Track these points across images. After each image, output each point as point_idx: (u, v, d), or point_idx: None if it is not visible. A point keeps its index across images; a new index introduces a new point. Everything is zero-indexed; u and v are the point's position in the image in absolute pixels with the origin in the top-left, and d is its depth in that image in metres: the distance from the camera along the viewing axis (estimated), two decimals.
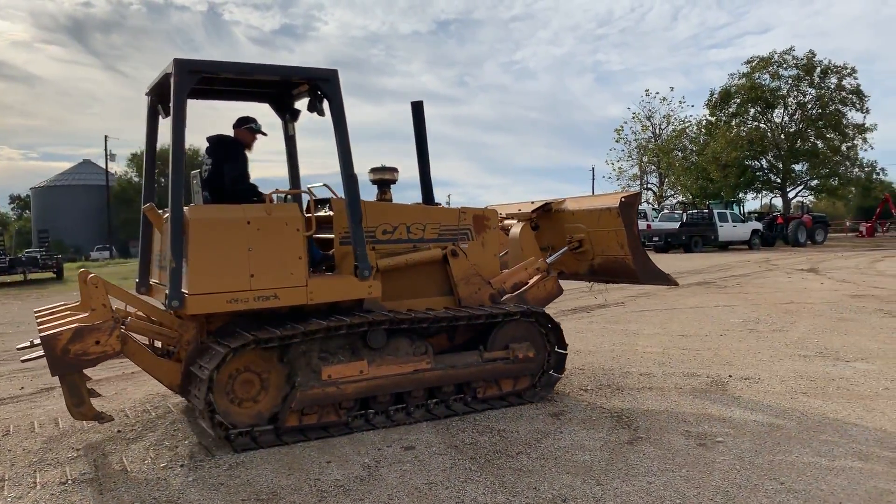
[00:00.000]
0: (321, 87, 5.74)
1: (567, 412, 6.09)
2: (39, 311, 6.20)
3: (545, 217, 7.73)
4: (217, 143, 6.10)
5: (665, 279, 7.18)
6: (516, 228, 7.50)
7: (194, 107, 5.73)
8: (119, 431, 5.84)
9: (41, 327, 5.55)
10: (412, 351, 5.95)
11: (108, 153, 54.36)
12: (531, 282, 6.95)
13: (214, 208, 5.58)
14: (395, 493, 4.37)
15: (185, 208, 5.25)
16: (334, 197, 6.05)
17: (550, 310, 12.64)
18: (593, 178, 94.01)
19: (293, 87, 6.34)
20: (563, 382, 7.14)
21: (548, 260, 7.28)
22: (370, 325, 5.66)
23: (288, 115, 6.71)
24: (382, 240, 6.23)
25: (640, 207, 45.18)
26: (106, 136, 54.96)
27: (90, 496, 4.46)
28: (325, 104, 5.80)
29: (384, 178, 6.68)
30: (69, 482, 4.74)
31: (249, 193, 5.85)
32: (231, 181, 5.92)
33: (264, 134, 6.30)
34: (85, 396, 5.25)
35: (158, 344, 6.01)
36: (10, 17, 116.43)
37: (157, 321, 5.81)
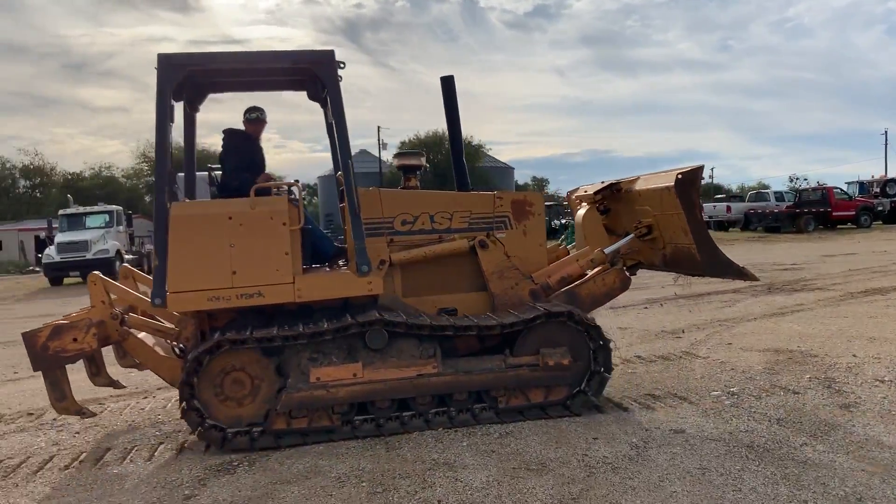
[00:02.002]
0: (316, 71, 5.36)
1: (860, 404, 5.48)
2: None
3: (617, 199, 6.68)
4: (224, 136, 6.12)
5: (740, 273, 5.89)
6: (580, 212, 6.67)
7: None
8: None
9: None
10: (418, 353, 5.41)
11: (381, 142, 58.90)
12: (590, 274, 6.18)
13: (197, 204, 5.60)
14: (665, 474, 4.27)
15: (171, 205, 5.21)
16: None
17: (837, 290, 11.35)
18: (886, 143, 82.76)
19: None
20: (854, 372, 6.44)
21: (606, 250, 6.28)
22: (337, 331, 5.20)
23: (321, 102, 6.37)
24: (402, 231, 5.84)
25: None
26: (378, 127, 59.61)
27: (379, 453, 4.93)
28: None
29: (409, 164, 6.31)
30: (356, 438, 5.26)
31: (243, 187, 5.50)
32: (227, 175, 5.94)
33: (258, 120, 6.13)
34: (67, 392, 5.40)
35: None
36: (297, 25, 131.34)
37: (158, 317, 5.87)
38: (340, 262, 5.97)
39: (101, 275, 5.83)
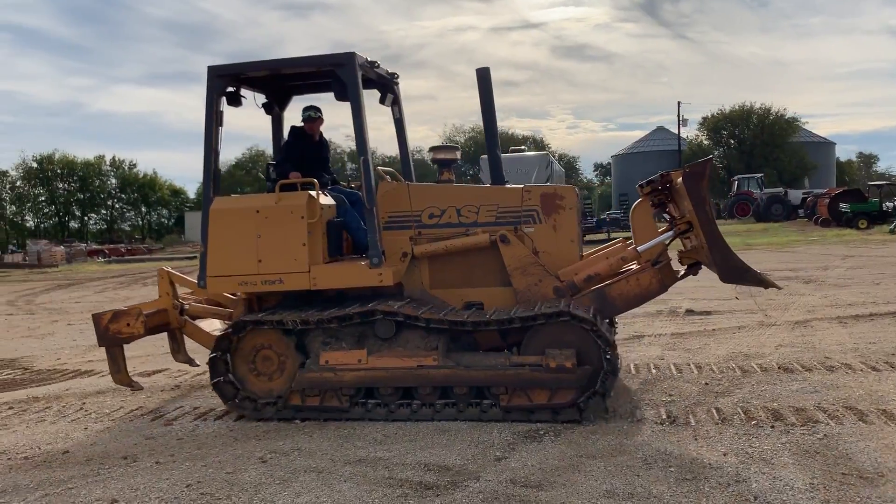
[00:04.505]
0: (338, 72, 5.70)
1: None
2: None
3: (675, 192, 5.84)
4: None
5: (758, 280, 5.43)
6: (633, 205, 6.02)
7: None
8: (706, 384, 6.10)
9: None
10: (423, 345, 5.45)
11: (681, 118, 56.36)
12: (626, 273, 5.75)
13: (233, 199, 6.17)
14: None
15: (216, 199, 5.86)
16: (384, 181, 6.08)
17: None
18: None
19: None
20: None
21: (640, 248, 5.75)
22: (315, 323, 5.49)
23: (383, 99, 6.66)
24: (429, 224, 5.91)
25: None
26: (679, 103, 56.93)
27: (686, 439, 4.79)
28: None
29: (444, 158, 6.33)
30: (665, 423, 5.16)
31: (277, 181, 5.96)
32: (274, 169, 6.43)
33: (310, 119, 6.46)
34: (122, 366, 6.26)
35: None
36: (593, 3, 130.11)
37: (216, 302, 6.47)
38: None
39: (169, 269, 6.67)
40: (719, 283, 5.89)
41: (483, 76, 6.15)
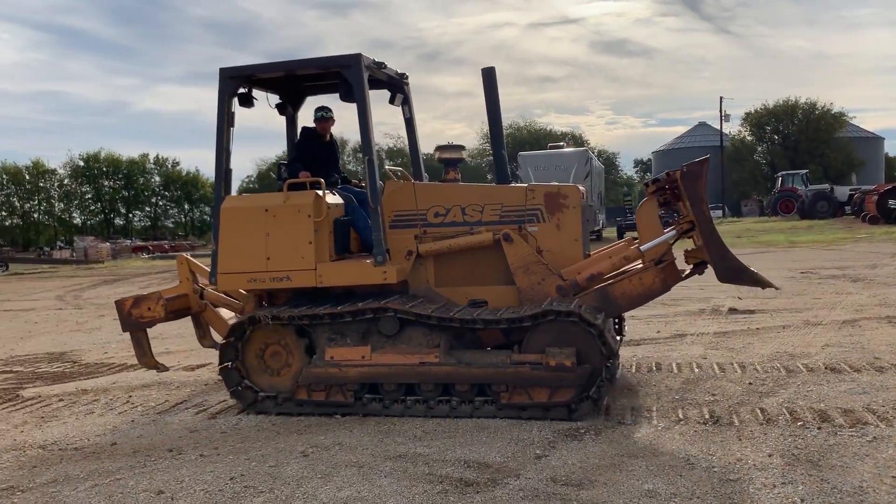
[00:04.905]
0: (344, 73, 5.79)
1: None
2: None
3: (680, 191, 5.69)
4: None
5: (754, 279, 5.40)
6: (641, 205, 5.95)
7: None
8: (750, 384, 5.99)
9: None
10: (425, 343, 5.52)
11: (723, 114, 55.42)
12: (629, 273, 5.74)
13: (244, 198, 6.35)
14: None
15: (226, 198, 6.06)
16: (391, 180, 6.09)
17: None
18: None
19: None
20: None
21: (643, 247, 5.68)
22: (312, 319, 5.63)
23: (393, 99, 6.66)
24: (434, 223, 5.97)
25: None
26: (721, 98, 55.93)
27: (730, 439, 4.71)
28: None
29: (450, 157, 6.39)
30: (708, 422, 5.09)
31: (285, 180, 6.13)
32: (285, 168, 6.54)
33: (322, 119, 6.58)
34: (147, 349, 6.45)
35: None
36: None
37: (230, 294, 6.57)
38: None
39: (188, 256, 6.87)
40: None
41: (488, 76, 6.22)
